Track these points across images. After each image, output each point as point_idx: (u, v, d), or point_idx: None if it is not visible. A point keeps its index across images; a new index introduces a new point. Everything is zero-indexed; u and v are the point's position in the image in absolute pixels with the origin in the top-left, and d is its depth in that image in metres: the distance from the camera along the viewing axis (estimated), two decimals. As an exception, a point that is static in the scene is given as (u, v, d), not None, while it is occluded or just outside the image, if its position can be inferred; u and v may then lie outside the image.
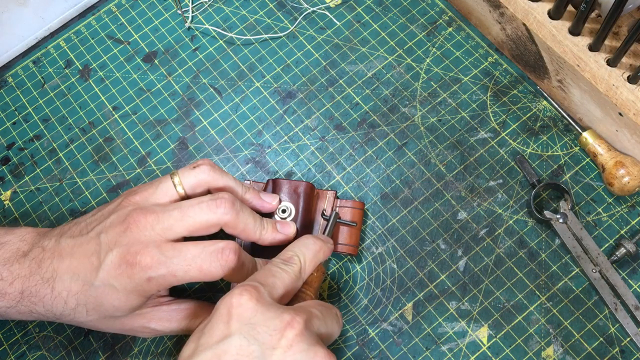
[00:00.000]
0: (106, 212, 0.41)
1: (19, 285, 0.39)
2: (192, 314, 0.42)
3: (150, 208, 0.40)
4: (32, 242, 0.41)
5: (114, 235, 0.39)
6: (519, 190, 0.50)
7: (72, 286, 0.39)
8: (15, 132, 0.55)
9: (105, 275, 0.38)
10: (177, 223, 0.39)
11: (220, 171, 0.43)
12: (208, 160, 0.43)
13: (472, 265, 0.48)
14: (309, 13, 0.57)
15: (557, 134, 0.51)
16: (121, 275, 0.38)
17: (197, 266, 0.38)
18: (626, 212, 0.49)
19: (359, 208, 0.48)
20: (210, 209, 0.40)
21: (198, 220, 0.39)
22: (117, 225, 0.39)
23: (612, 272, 0.46)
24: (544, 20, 0.48)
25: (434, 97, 0.53)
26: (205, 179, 0.42)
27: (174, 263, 0.38)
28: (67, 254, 0.40)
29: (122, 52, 0.57)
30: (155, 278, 0.38)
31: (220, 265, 0.38)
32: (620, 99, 0.45)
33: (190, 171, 0.42)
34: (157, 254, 0.38)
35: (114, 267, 0.38)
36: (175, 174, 0.42)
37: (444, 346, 0.46)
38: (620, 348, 0.45)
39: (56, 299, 0.39)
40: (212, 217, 0.40)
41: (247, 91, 0.55)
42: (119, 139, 0.54)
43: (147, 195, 0.41)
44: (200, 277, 0.39)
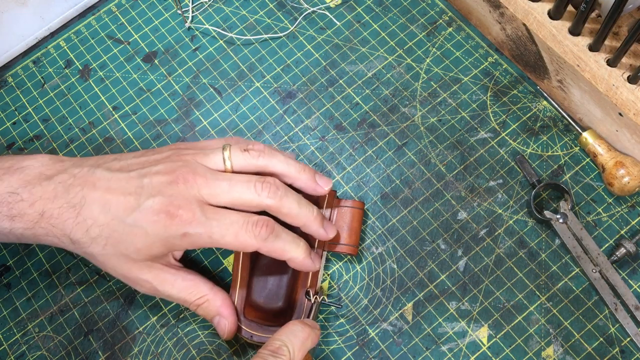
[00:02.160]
0: (152, 160, 0.42)
1: (40, 206, 0.40)
2: (193, 286, 0.43)
3: (200, 171, 0.41)
4: (56, 167, 0.42)
5: (158, 184, 0.40)
6: (519, 190, 0.50)
7: (100, 217, 0.40)
8: (15, 132, 0.55)
9: (140, 218, 0.39)
10: (223, 193, 0.40)
11: (270, 156, 0.43)
12: (260, 145, 0.43)
13: (472, 265, 0.48)
14: (309, 13, 0.57)
15: (557, 134, 0.51)
16: (157, 222, 0.39)
17: (234, 232, 0.40)
18: (626, 212, 0.49)
19: (358, 208, 0.48)
20: (257, 190, 0.41)
21: (243, 197, 0.41)
22: (164, 175, 0.40)
23: (612, 272, 0.46)
24: (544, 20, 0.48)
25: (434, 97, 0.53)
26: (253, 164, 0.42)
27: (212, 225, 0.39)
28: (101, 185, 0.40)
29: (122, 52, 0.57)
30: (190, 235, 0.39)
31: (254, 235, 0.40)
32: (620, 99, 0.45)
33: (241, 153, 0.42)
34: (199, 212, 0.39)
35: (152, 212, 0.39)
36: (227, 149, 0.42)
37: (444, 346, 0.46)
38: (620, 348, 0.45)
39: (79, 224, 0.40)
40: (255, 198, 0.41)
41: (247, 91, 0.55)
42: (119, 139, 0.54)
43: (197, 158, 0.42)
44: (234, 244, 0.40)
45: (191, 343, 0.47)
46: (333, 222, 0.47)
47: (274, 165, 0.43)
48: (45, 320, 0.48)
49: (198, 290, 0.43)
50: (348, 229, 0.47)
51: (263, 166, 0.43)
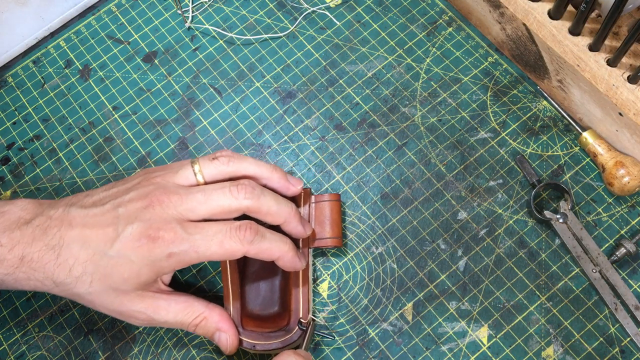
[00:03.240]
0: (123, 189, 0.42)
1: (19, 251, 0.39)
2: (188, 307, 0.42)
3: (173, 189, 0.41)
4: (35, 211, 0.41)
5: (134, 211, 0.39)
6: (519, 190, 0.50)
7: (81, 254, 0.39)
8: (15, 132, 0.55)
9: (122, 247, 0.39)
10: (200, 205, 0.40)
11: (240, 159, 0.43)
12: (227, 152, 0.43)
13: (472, 265, 0.48)
14: (309, 13, 0.57)
15: (557, 134, 0.51)
16: (140, 248, 0.39)
17: (218, 242, 0.39)
18: (626, 212, 0.49)
19: (335, 200, 0.48)
20: (232, 194, 0.41)
21: (220, 204, 0.40)
22: (138, 201, 0.40)
23: (612, 272, 0.46)
24: (544, 20, 0.48)
25: (434, 97, 0.53)
26: (225, 170, 0.42)
27: (196, 239, 0.39)
28: (77, 223, 0.40)
29: (122, 52, 0.57)
30: (176, 254, 0.39)
31: (239, 240, 0.40)
32: (620, 99, 0.45)
33: (210, 162, 0.42)
34: (180, 230, 0.39)
35: (133, 239, 0.39)
36: (196, 162, 0.42)
37: (444, 346, 0.46)
38: (620, 348, 0.45)
39: (60, 265, 0.39)
40: (233, 202, 0.41)
41: (247, 91, 0.55)
42: (119, 139, 0.54)
43: (168, 177, 0.42)
44: (221, 253, 0.40)
45: (191, 343, 0.47)
46: (312, 218, 0.47)
47: (245, 168, 0.43)
48: (45, 320, 0.48)
49: (194, 310, 0.42)
50: (329, 222, 0.47)
51: (234, 171, 0.42)
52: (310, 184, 0.51)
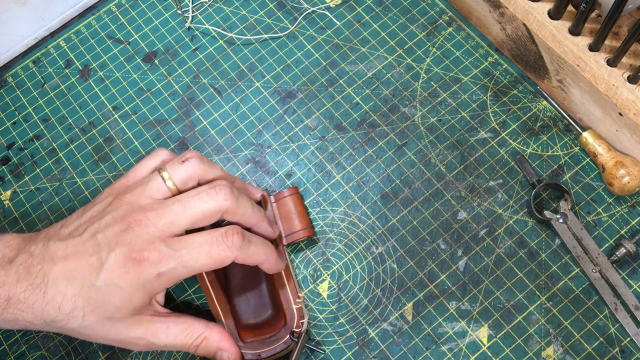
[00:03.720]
0: (96, 213, 0.41)
1: (4, 292, 0.38)
2: (188, 328, 0.41)
3: (148, 205, 0.39)
4: (18, 248, 0.40)
5: (113, 235, 0.38)
6: (519, 190, 0.50)
7: (69, 289, 0.38)
8: (15, 132, 0.55)
9: (109, 275, 0.38)
10: (179, 216, 0.39)
11: (209, 163, 0.42)
12: (196, 153, 0.42)
13: (472, 265, 0.48)
14: (309, 13, 0.57)
15: (557, 134, 0.51)
16: (127, 273, 0.38)
17: (206, 252, 0.38)
18: (626, 212, 0.49)
19: (295, 193, 0.48)
20: (210, 196, 0.40)
21: (200, 210, 0.39)
22: (115, 225, 0.39)
23: (612, 272, 0.46)
24: (544, 20, 0.48)
25: (434, 97, 0.53)
26: (195, 173, 0.41)
27: (182, 254, 0.38)
28: (59, 257, 0.38)
29: (122, 52, 0.57)
30: (165, 272, 0.38)
31: (227, 247, 0.39)
32: (621, 99, 0.45)
33: (179, 165, 0.41)
34: (165, 248, 0.38)
35: (118, 266, 0.38)
36: (164, 169, 0.41)
37: (444, 346, 0.46)
38: (620, 348, 0.45)
39: (49, 304, 0.38)
40: (213, 205, 0.40)
41: (247, 91, 0.55)
42: (119, 139, 0.54)
43: (138, 193, 0.40)
44: (210, 264, 0.39)
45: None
46: (277, 216, 0.47)
47: (214, 172, 0.42)
48: (45, 320, 0.48)
49: (193, 331, 0.41)
50: (296, 216, 0.47)
51: (205, 173, 0.42)
52: (310, 184, 0.51)
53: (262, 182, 0.51)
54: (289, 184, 0.51)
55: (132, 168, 0.43)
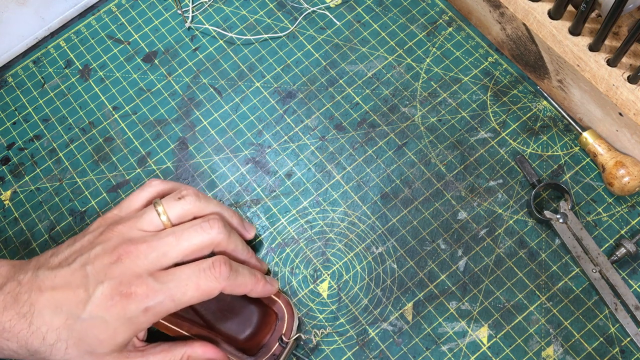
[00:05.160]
0: (86, 243, 0.40)
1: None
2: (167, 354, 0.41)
3: (140, 237, 0.39)
4: (7, 275, 0.39)
5: (102, 267, 0.38)
6: (519, 190, 0.50)
7: (54, 321, 0.37)
8: (15, 132, 0.55)
9: (95, 308, 0.37)
10: (172, 249, 0.39)
11: (206, 199, 0.43)
12: (193, 189, 0.43)
13: (472, 265, 0.48)
14: (309, 13, 0.57)
15: (557, 134, 0.51)
16: (113, 307, 0.37)
17: (194, 285, 0.38)
18: (626, 212, 0.49)
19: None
20: (205, 229, 0.40)
21: (193, 243, 0.40)
22: (105, 256, 0.38)
23: (612, 272, 0.46)
24: (544, 20, 0.48)
25: (434, 97, 0.53)
26: (191, 210, 0.41)
27: (170, 287, 0.38)
28: (47, 287, 0.38)
29: (122, 52, 0.57)
30: (152, 307, 0.38)
31: (215, 278, 0.39)
32: (621, 99, 0.45)
33: (175, 202, 0.41)
34: (152, 282, 0.38)
35: (105, 299, 0.37)
36: (159, 204, 0.41)
37: (444, 346, 0.46)
38: (620, 348, 0.45)
39: (33, 334, 0.37)
40: (206, 238, 0.40)
41: (247, 91, 0.55)
42: (119, 139, 0.54)
43: (131, 224, 0.40)
44: (198, 295, 0.39)
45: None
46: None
47: (210, 209, 0.42)
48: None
49: (174, 354, 0.41)
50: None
51: (200, 211, 0.42)
52: (310, 184, 0.51)
53: (262, 182, 0.51)
54: (289, 184, 0.51)
55: (125, 199, 0.43)
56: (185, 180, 0.52)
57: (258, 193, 0.51)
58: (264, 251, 0.49)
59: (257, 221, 0.50)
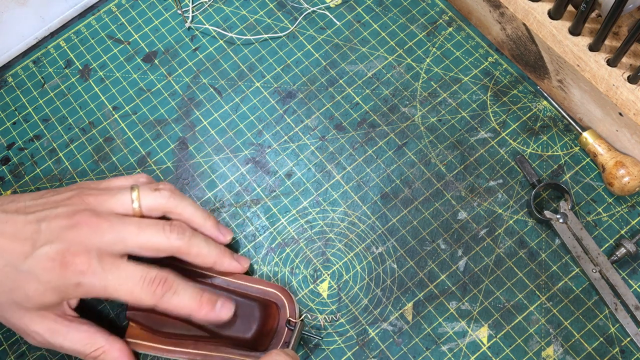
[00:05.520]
0: (52, 201, 0.40)
1: None
2: (88, 337, 0.41)
3: (105, 214, 0.39)
4: None
5: (57, 228, 0.38)
6: (519, 190, 0.50)
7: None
8: (15, 132, 0.55)
9: (34, 264, 0.37)
10: (130, 237, 0.39)
11: (181, 198, 0.42)
12: (170, 186, 0.43)
13: (472, 265, 0.48)
14: (309, 13, 0.57)
15: (557, 134, 0.51)
16: (51, 270, 0.37)
17: (129, 288, 0.38)
18: (626, 212, 0.49)
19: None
20: (165, 232, 0.40)
21: (151, 241, 0.40)
22: (64, 219, 0.38)
23: (612, 272, 0.46)
24: (544, 20, 0.48)
25: (434, 97, 0.53)
26: (163, 204, 0.41)
27: (107, 278, 0.38)
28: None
29: (122, 52, 0.57)
30: (85, 285, 0.38)
31: (149, 293, 0.38)
32: (621, 99, 0.45)
33: (151, 192, 0.41)
34: (95, 263, 0.38)
35: (46, 259, 0.37)
36: (136, 189, 0.41)
37: (444, 346, 0.46)
38: (620, 348, 0.45)
39: None
40: (164, 242, 0.40)
41: (247, 91, 0.55)
42: (119, 139, 0.54)
43: (102, 199, 0.40)
44: (128, 299, 0.39)
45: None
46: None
47: (184, 207, 0.42)
48: (45, 320, 0.48)
49: (94, 342, 0.40)
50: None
51: (172, 207, 0.42)
52: (310, 184, 0.51)
53: (262, 182, 0.51)
54: (289, 184, 0.51)
55: (108, 178, 0.43)
56: (185, 180, 0.52)
57: (258, 193, 0.51)
58: (264, 251, 0.49)
59: (257, 221, 0.50)
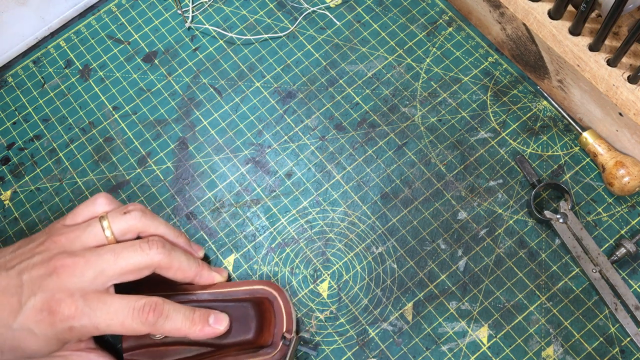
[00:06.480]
0: (27, 250, 0.40)
1: None
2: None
3: (79, 252, 0.39)
4: None
5: (37, 278, 0.38)
6: (519, 190, 0.50)
7: None
8: (15, 132, 0.55)
9: (25, 320, 0.37)
10: (109, 266, 0.39)
11: (152, 217, 0.43)
12: (140, 206, 0.43)
13: (472, 265, 0.48)
14: (309, 13, 0.57)
15: (557, 134, 0.51)
16: (42, 322, 0.37)
17: (120, 321, 0.38)
18: (626, 212, 0.49)
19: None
20: (144, 249, 0.40)
21: (131, 262, 0.39)
22: (42, 267, 0.38)
23: (612, 272, 0.46)
24: (544, 20, 0.48)
25: (434, 97, 0.53)
26: (135, 225, 0.41)
27: (97, 315, 0.38)
28: None
29: (122, 52, 0.57)
30: (77, 328, 0.38)
31: (141, 322, 0.38)
32: (621, 99, 0.45)
33: (120, 216, 0.41)
34: (81, 304, 0.38)
35: (34, 312, 0.37)
36: (105, 218, 0.41)
37: (444, 346, 0.46)
38: (620, 348, 0.45)
39: None
40: (144, 259, 0.40)
41: (247, 91, 0.55)
42: (119, 139, 0.54)
43: (73, 237, 0.40)
44: (123, 332, 0.39)
45: (191, 343, 0.47)
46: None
47: (156, 227, 0.42)
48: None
49: None
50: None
51: (144, 228, 0.42)
52: (310, 184, 0.51)
53: (262, 182, 0.51)
54: (289, 184, 0.51)
55: (71, 211, 0.43)
56: (185, 180, 0.52)
57: (258, 193, 0.51)
58: (264, 251, 0.49)
59: (257, 221, 0.50)
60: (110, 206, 0.43)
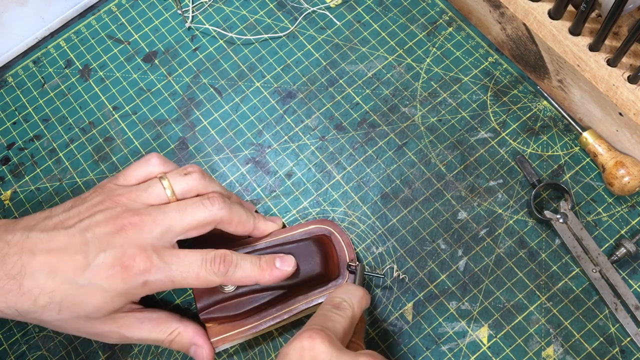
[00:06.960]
0: (85, 209, 0.40)
1: None
2: (162, 323, 0.42)
3: (145, 210, 0.40)
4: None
5: (104, 236, 0.38)
6: (519, 190, 0.50)
7: (48, 284, 0.37)
8: (15, 132, 0.55)
9: (94, 276, 0.37)
10: (175, 223, 0.40)
11: (210, 179, 0.43)
12: (199, 168, 0.43)
13: (472, 265, 0.48)
14: (309, 13, 0.57)
15: (557, 134, 0.51)
16: (114, 276, 0.38)
17: (194, 273, 0.39)
18: (626, 212, 0.49)
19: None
20: (206, 206, 0.41)
21: (196, 219, 0.40)
22: (107, 225, 0.38)
23: (612, 272, 0.46)
24: (544, 20, 0.48)
25: (434, 97, 0.53)
26: (195, 186, 0.42)
27: (172, 269, 0.39)
28: (40, 249, 0.38)
29: (122, 52, 0.57)
30: (151, 282, 0.38)
31: (214, 272, 0.39)
32: (621, 98, 0.45)
33: (181, 177, 0.42)
34: (156, 259, 0.38)
35: (105, 267, 0.37)
36: (165, 178, 0.42)
37: (444, 346, 0.46)
38: (620, 348, 0.45)
39: (24, 295, 0.37)
40: (208, 214, 0.41)
41: (247, 91, 0.55)
42: (119, 139, 0.54)
43: (134, 197, 0.41)
44: (196, 284, 0.39)
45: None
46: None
47: (213, 188, 0.43)
48: (46, 320, 0.48)
49: (168, 326, 0.42)
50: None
51: (204, 188, 0.42)
52: (310, 184, 0.51)
53: (262, 182, 0.51)
54: (289, 184, 0.51)
55: (122, 172, 0.43)
56: (185, 180, 0.52)
57: (258, 193, 0.51)
58: (264, 251, 0.49)
59: (257, 221, 0.50)
60: (165, 165, 0.43)
